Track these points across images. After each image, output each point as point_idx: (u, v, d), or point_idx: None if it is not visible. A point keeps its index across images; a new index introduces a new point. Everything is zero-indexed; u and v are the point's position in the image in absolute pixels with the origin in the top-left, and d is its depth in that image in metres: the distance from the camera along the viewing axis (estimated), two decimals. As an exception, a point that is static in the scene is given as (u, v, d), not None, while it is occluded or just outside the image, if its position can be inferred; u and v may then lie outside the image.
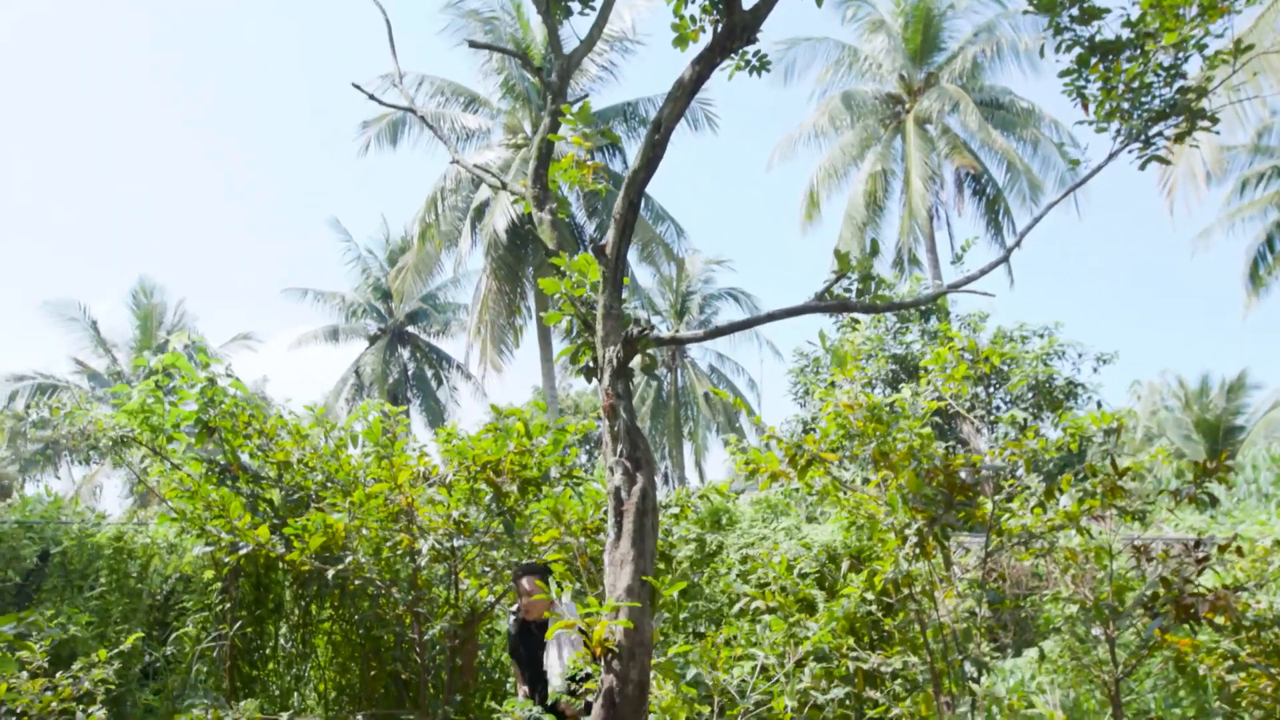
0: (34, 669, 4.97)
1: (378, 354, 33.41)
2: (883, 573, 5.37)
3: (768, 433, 5.09)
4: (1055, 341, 15.49)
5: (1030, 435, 5.11)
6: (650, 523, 3.72)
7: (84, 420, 6.07)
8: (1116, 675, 5.41)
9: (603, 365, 3.98)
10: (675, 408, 33.91)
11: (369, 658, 6.75)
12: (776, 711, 4.20)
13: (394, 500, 5.23)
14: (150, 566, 7.80)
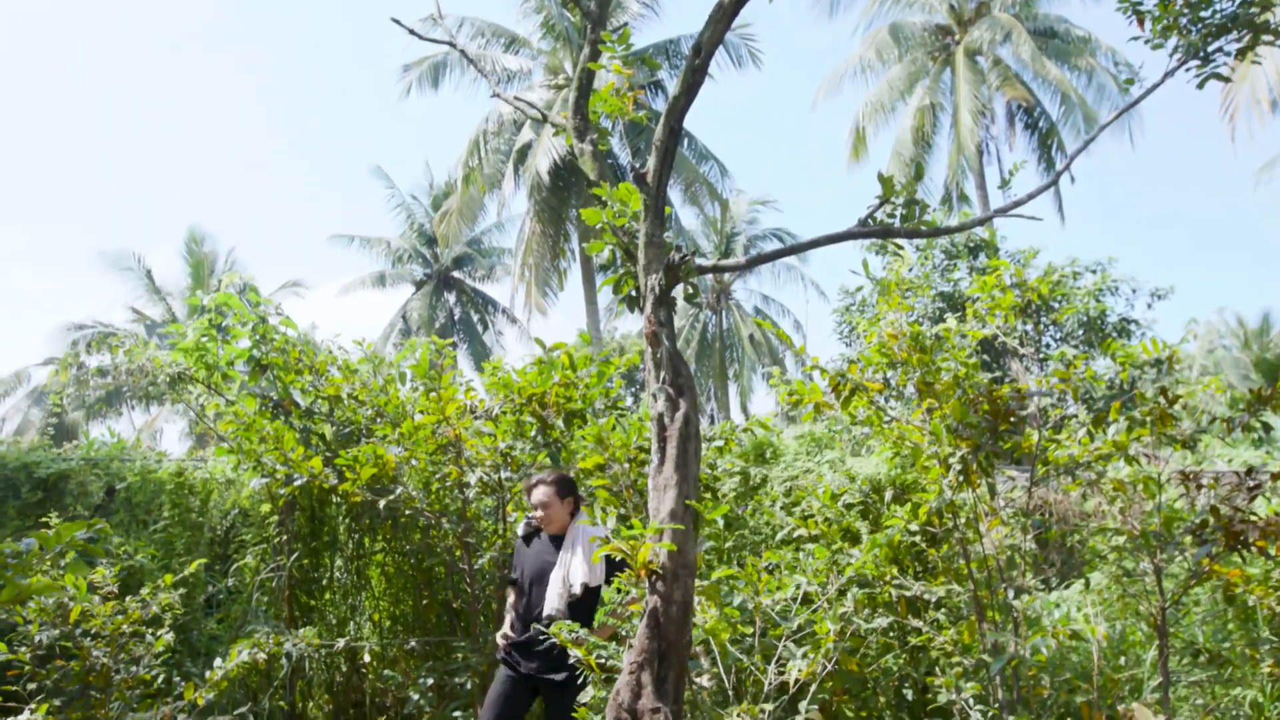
0: (105, 593, 5.20)
1: (424, 299, 33.75)
2: (926, 504, 5.38)
3: (811, 363, 5.08)
4: (1108, 277, 15.15)
5: (1078, 364, 5.04)
6: (693, 448, 3.76)
7: (142, 357, 6.25)
8: (1163, 605, 5.39)
9: (645, 293, 4.00)
10: (720, 350, 33.89)
11: (421, 588, 6.94)
12: (819, 635, 4.25)
13: (442, 433, 5.33)
14: (210, 501, 8.06)
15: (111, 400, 33.63)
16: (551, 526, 4.72)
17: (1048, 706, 5.61)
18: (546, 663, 4.49)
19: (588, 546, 4.53)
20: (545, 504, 4.67)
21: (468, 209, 25.34)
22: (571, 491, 4.76)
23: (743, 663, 4.41)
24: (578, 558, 4.55)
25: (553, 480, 4.72)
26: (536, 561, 4.73)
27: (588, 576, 4.49)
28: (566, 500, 4.72)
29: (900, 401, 7.07)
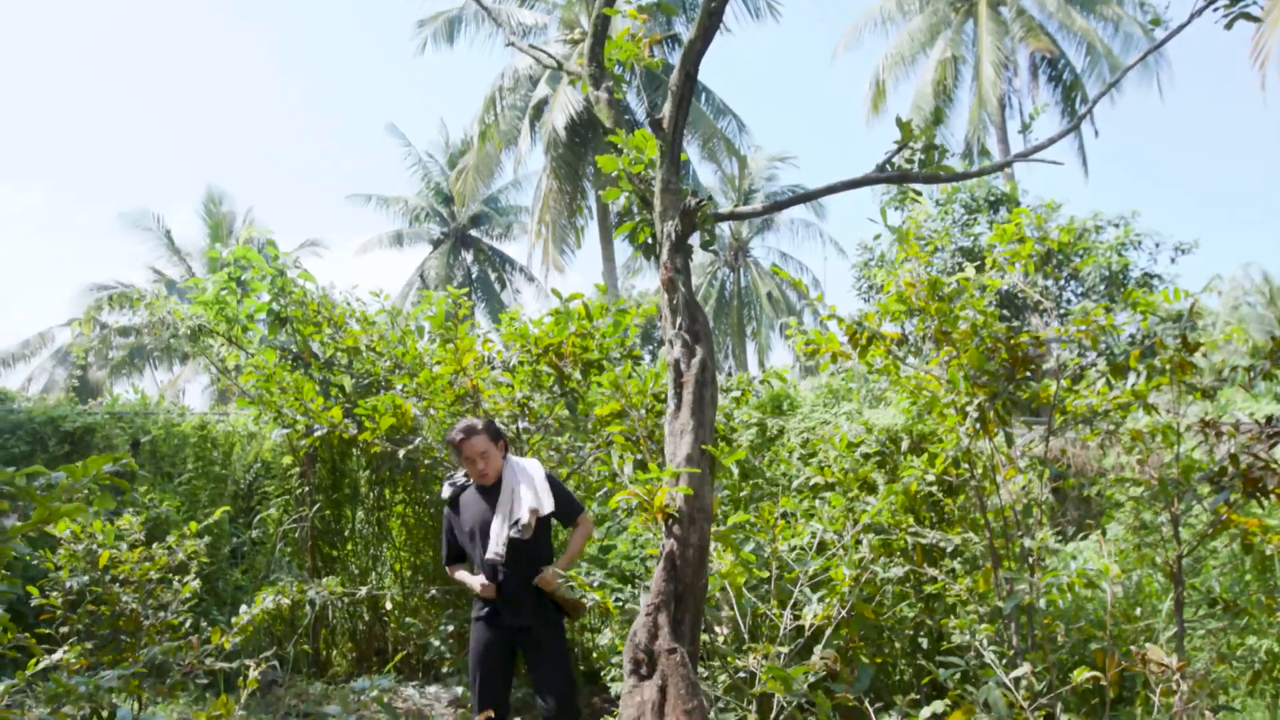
0: (132, 540, 5.30)
1: (441, 258, 33.76)
2: (943, 454, 5.38)
3: (828, 312, 5.07)
4: (1131, 231, 14.95)
5: (1098, 312, 5.00)
6: (710, 394, 3.78)
7: (163, 310, 6.31)
8: (1179, 554, 5.39)
9: (661, 240, 3.99)
10: (738, 308, 33.79)
11: (441, 538, 7.03)
12: (835, 581, 4.29)
13: (459, 383, 5.37)
14: (233, 454, 8.18)
15: (134, 359, 33.94)
16: (491, 476, 4.34)
17: (1061, 653, 5.65)
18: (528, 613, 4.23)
19: (530, 477, 4.26)
20: (485, 453, 4.30)
21: (484, 166, 25.24)
22: (501, 434, 4.49)
23: (758, 608, 4.46)
24: (522, 489, 4.22)
25: (484, 427, 4.37)
26: (478, 514, 4.37)
27: (535, 501, 4.17)
28: (499, 443, 4.42)
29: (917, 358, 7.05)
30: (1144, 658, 2.83)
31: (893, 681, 5.82)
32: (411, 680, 6.91)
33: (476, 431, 4.32)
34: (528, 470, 4.32)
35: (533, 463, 4.36)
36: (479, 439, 4.30)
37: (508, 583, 4.23)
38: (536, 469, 4.33)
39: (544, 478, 4.30)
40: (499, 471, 4.33)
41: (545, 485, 4.26)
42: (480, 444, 4.30)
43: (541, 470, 4.34)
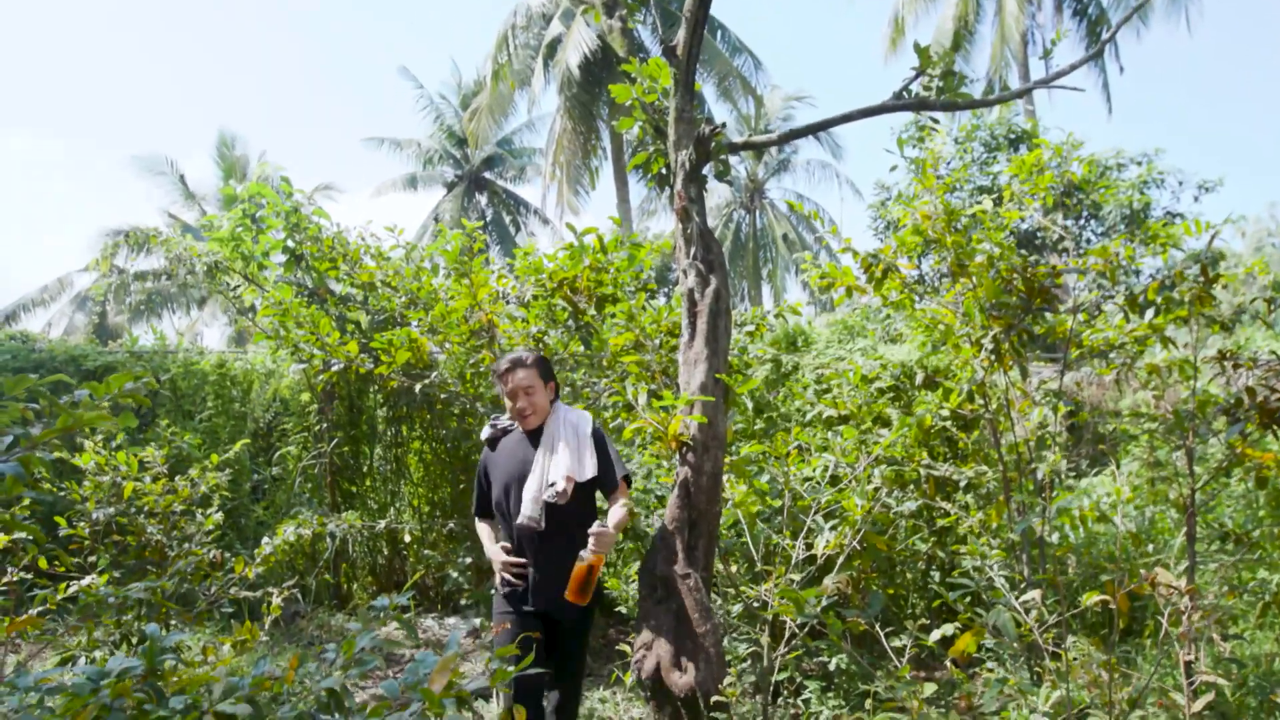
0: (155, 473, 5.39)
1: (455, 200, 33.62)
2: (957, 389, 5.38)
3: (843, 245, 5.04)
4: (1154, 169, 14.71)
5: (1117, 244, 4.95)
6: (724, 324, 3.78)
7: (179, 247, 6.33)
8: (1193, 487, 5.39)
9: (675, 169, 3.96)
10: (754, 250, 33.59)
11: (458, 474, 7.12)
12: (846, 510, 4.32)
13: (474, 318, 5.39)
14: (251, 392, 8.27)
15: (152, 304, 34.15)
16: (533, 419, 3.76)
17: (1073, 584, 5.70)
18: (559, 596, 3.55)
19: (574, 434, 3.68)
20: (530, 389, 3.73)
21: (497, 106, 24.99)
22: (552, 374, 3.88)
23: (772, 539, 4.51)
24: (561, 447, 3.64)
25: (533, 360, 3.79)
26: (514, 466, 3.76)
27: (573, 465, 3.60)
28: (549, 385, 3.82)
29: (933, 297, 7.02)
30: (1153, 580, 2.85)
31: (904, 613, 5.89)
32: (430, 612, 7.06)
33: (524, 364, 3.76)
34: (574, 424, 3.73)
35: (582, 416, 3.77)
36: (525, 373, 3.75)
37: (540, 555, 3.63)
38: (584, 423, 3.74)
39: (589, 435, 3.70)
40: (544, 415, 3.76)
41: (589, 445, 3.66)
42: (526, 378, 3.74)
43: (589, 425, 3.74)
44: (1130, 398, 8.49)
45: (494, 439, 3.94)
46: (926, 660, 5.85)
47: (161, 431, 6.84)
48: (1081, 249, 15.32)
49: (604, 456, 3.67)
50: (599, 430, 3.75)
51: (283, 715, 2.35)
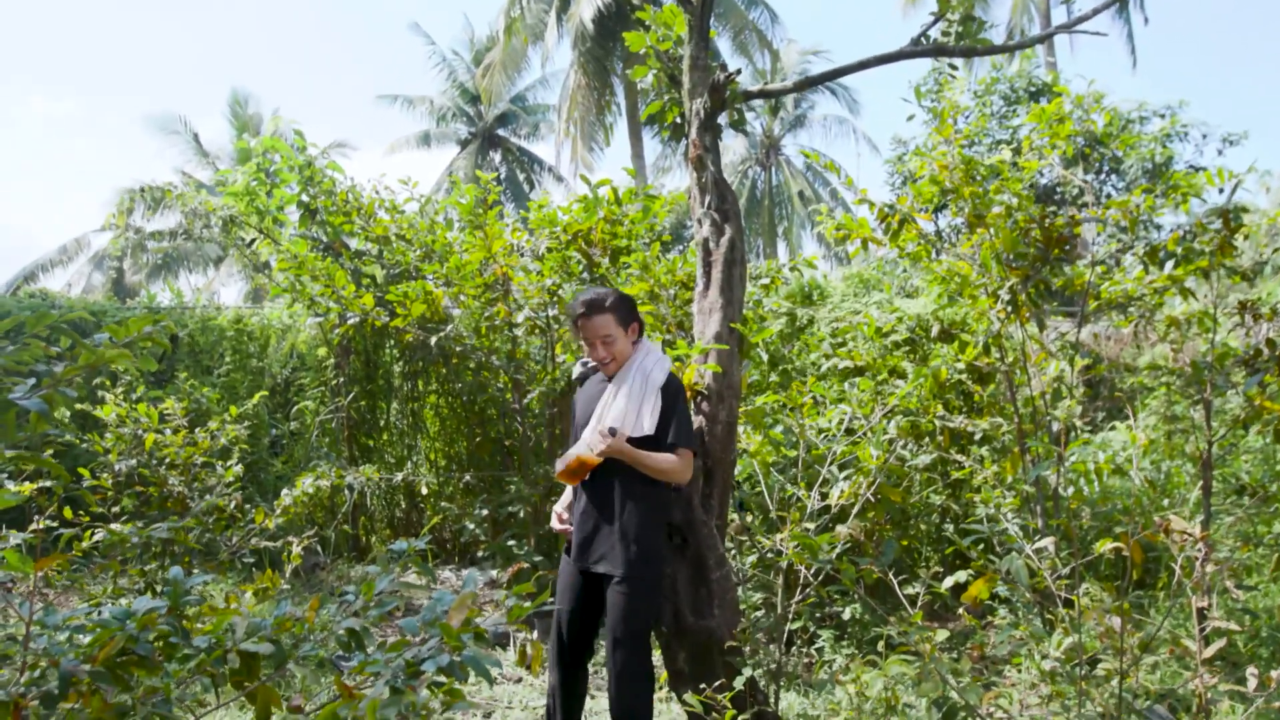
0: (175, 425, 5.46)
1: (469, 158, 33.45)
2: (973, 341, 5.35)
3: (859, 196, 5.00)
4: (1177, 121, 14.47)
5: (1137, 193, 4.89)
6: (738, 273, 3.77)
7: (194, 201, 6.34)
8: (1210, 440, 5.37)
9: (690, 118, 3.93)
10: (769, 207, 33.33)
11: (474, 427, 7.17)
12: (861, 461, 4.33)
13: (489, 270, 5.39)
14: (268, 347, 8.33)
15: (169, 263, 34.30)
16: (613, 367, 3.36)
17: (1086, 537, 5.71)
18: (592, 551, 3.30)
19: (644, 382, 3.28)
20: (608, 338, 3.32)
21: (510, 61, 24.76)
22: (634, 314, 3.42)
23: (787, 489, 4.53)
24: (623, 394, 3.27)
25: (612, 304, 3.33)
26: (587, 409, 3.45)
27: (626, 419, 3.23)
28: (631, 328, 3.39)
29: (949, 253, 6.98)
30: (1167, 527, 2.85)
31: (918, 564, 5.93)
32: (448, 564, 7.15)
33: (601, 308, 3.31)
34: (648, 371, 3.31)
35: (661, 363, 3.35)
36: (602, 319, 3.30)
37: (587, 508, 3.34)
38: (659, 372, 3.31)
39: (659, 388, 3.26)
40: (625, 360, 3.36)
41: (654, 398, 3.25)
42: (603, 325, 3.30)
43: (663, 375, 3.31)
44: (1149, 354, 8.44)
45: (583, 377, 3.60)
46: (939, 612, 5.89)
47: (181, 384, 6.90)
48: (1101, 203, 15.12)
49: (667, 414, 3.25)
50: (675, 384, 3.33)
51: (304, 654, 2.40)
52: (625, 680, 3.19)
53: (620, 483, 3.24)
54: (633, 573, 3.18)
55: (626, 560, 3.19)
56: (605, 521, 3.25)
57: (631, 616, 3.18)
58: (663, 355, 3.39)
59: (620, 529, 3.21)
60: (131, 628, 1.75)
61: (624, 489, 3.24)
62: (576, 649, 3.36)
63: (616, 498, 3.24)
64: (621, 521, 3.21)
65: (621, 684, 3.19)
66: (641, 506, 3.23)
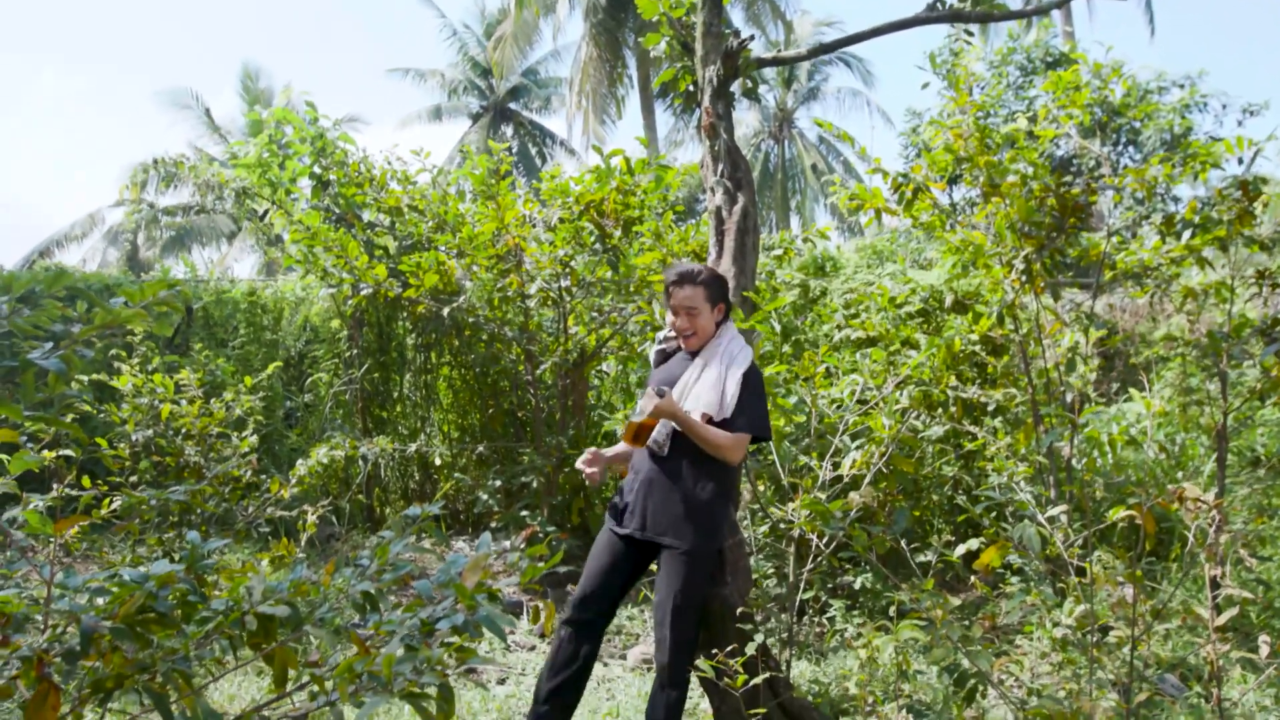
0: (190, 396, 5.50)
1: (481, 132, 33.33)
2: (987, 312, 5.33)
3: (872, 165, 4.96)
4: (1196, 91, 14.29)
5: (1155, 161, 4.84)
6: (751, 241, 3.76)
7: (207, 173, 6.35)
8: (1225, 411, 5.35)
9: (703, 85, 3.90)
10: (782, 181, 33.15)
11: (487, 399, 7.19)
12: (873, 430, 4.34)
13: (501, 240, 5.39)
14: (282, 319, 8.36)
15: (183, 239, 34.40)
16: (694, 341, 3.41)
17: (1099, 507, 5.71)
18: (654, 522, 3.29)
19: (728, 367, 3.30)
20: (694, 310, 3.35)
21: (522, 33, 24.62)
22: (723, 294, 3.45)
23: (799, 459, 4.54)
24: (708, 377, 3.31)
25: (705, 278, 3.37)
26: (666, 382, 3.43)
27: (712, 403, 3.25)
28: (718, 307, 3.41)
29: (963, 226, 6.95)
30: (1181, 495, 2.84)
31: (930, 535, 5.94)
32: (461, 535, 7.20)
33: (693, 280, 3.36)
34: (733, 356, 3.35)
35: (744, 351, 3.39)
36: (692, 291, 3.35)
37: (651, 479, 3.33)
38: (742, 359, 3.35)
39: (740, 378, 3.30)
40: (705, 339, 3.40)
41: (736, 386, 3.28)
42: (692, 296, 3.35)
43: (747, 363, 3.34)
44: (1165, 327, 8.39)
45: (662, 354, 3.61)
46: (951, 583, 5.91)
47: (195, 355, 6.94)
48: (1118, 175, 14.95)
49: (745, 402, 3.27)
50: (755, 373, 3.36)
51: (320, 616, 2.43)
52: (682, 650, 3.20)
53: (691, 460, 3.27)
54: (698, 547, 3.21)
55: (694, 534, 3.21)
56: (673, 494, 3.27)
57: (691, 588, 3.20)
58: (744, 342, 3.42)
59: (688, 503, 3.24)
60: (151, 586, 1.77)
61: (694, 465, 3.27)
62: (599, 610, 3.37)
63: (686, 472, 3.27)
64: (691, 496, 3.25)
65: (677, 653, 3.20)
66: (711, 483, 3.27)
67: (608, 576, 3.35)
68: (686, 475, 3.26)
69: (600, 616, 3.37)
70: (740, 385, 3.26)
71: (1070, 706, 2.68)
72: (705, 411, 3.23)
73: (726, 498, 3.34)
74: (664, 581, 3.22)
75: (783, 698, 3.38)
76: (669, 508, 3.25)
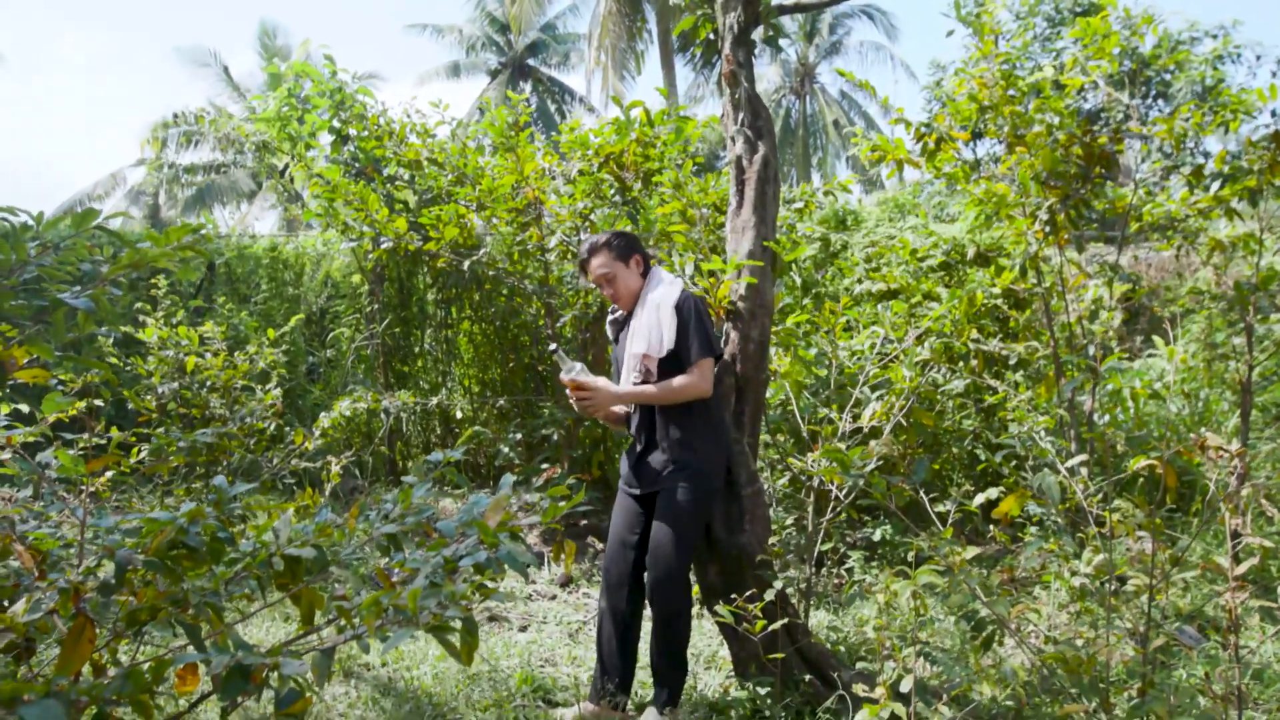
0: (215, 349, 5.56)
1: (499, 89, 33.10)
2: (1010, 265, 5.27)
3: (895, 116, 4.90)
4: (1230, 42, 13.96)
5: (1185, 110, 4.75)
6: (772, 191, 3.73)
7: (227, 126, 6.35)
8: (1249, 364, 5.30)
9: (723, 33, 3.86)
10: (804, 137, 32.80)
11: (507, 353, 7.22)
12: (894, 381, 4.33)
13: (521, 193, 5.37)
14: (303, 275, 8.41)
15: (204, 198, 34.52)
16: (624, 303, 3.47)
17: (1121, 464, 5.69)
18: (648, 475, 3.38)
19: (655, 309, 3.33)
20: (609, 277, 3.43)
21: (540, -13, 24.34)
22: (634, 248, 3.48)
23: (819, 411, 4.54)
24: (640, 326, 3.35)
25: (604, 242, 3.45)
26: (620, 349, 3.55)
27: (648, 342, 3.31)
28: (632, 260, 3.46)
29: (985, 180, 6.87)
30: (1203, 444, 2.83)
31: (949, 488, 5.95)
32: (482, 488, 7.28)
33: (596, 249, 3.45)
34: (657, 301, 3.36)
35: (670, 289, 3.38)
36: (599, 259, 3.43)
37: (637, 434, 3.44)
38: (669, 293, 3.36)
39: (672, 306, 3.32)
40: (634, 298, 3.45)
41: (670, 318, 3.30)
42: (601, 264, 3.42)
43: (675, 295, 3.35)
44: (1191, 281, 8.29)
45: (616, 327, 3.62)
46: (970, 536, 5.93)
47: (219, 308, 7.00)
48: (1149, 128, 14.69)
49: (683, 329, 3.30)
50: (686, 301, 3.34)
51: (345, 558, 2.47)
52: (666, 582, 3.25)
53: (659, 408, 3.35)
54: (688, 487, 3.27)
55: (681, 474, 3.28)
56: (654, 445, 3.37)
57: (680, 520, 3.25)
58: (672, 278, 3.45)
59: (672, 447, 3.32)
60: (181, 520, 1.81)
61: (663, 412, 3.35)
62: (632, 573, 3.40)
63: (660, 420, 3.36)
64: (671, 441, 3.32)
65: (663, 586, 3.26)
66: (687, 422, 3.32)
67: (626, 536, 3.42)
68: (661, 423, 3.35)
69: (628, 578, 3.40)
70: (674, 316, 3.30)
71: (1087, 653, 2.70)
72: (642, 352, 3.30)
73: (710, 434, 3.36)
74: (656, 517, 3.29)
75: (800, 644, 3.43)
76: (655, 456, 3.35)
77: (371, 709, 3.31)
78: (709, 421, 3.36)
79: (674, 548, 3.23)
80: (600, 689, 3.36)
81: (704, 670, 3.80)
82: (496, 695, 3.43)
